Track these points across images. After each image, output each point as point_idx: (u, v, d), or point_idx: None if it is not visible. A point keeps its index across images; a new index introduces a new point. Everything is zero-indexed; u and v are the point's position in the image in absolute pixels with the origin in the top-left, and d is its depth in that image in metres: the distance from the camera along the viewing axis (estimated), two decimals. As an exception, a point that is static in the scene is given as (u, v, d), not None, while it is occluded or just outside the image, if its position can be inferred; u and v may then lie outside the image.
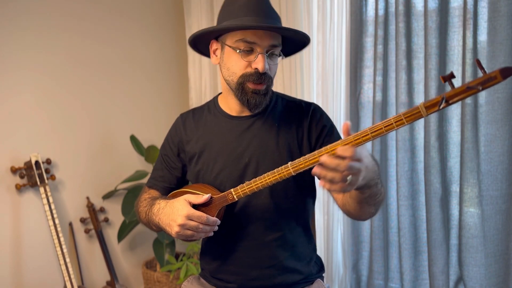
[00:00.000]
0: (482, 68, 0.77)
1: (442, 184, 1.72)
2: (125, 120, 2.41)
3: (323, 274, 1.34)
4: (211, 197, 1.12)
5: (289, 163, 0.97)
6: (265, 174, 1.02)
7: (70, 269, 1.97)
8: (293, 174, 0.97)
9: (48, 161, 2.08)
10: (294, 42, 1.21)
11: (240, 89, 1.13)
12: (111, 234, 2.37)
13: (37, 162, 2.00)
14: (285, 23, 2.06)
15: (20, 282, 2.03)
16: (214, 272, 1.28)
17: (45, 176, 2.00)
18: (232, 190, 1.08)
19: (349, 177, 0.85)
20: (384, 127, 0.86)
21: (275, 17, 1.15)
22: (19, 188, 2.00)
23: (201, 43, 1.24)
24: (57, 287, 2.13)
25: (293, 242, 1.23)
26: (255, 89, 1.12)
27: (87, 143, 2.26)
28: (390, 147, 1.88)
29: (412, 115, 0.83)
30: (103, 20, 2.30)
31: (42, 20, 2.08)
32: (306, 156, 0.94)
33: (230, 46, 1.13)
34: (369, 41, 1.90)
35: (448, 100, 0.80)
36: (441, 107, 0.81)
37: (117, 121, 2.38)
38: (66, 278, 1.96)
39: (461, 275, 1.70)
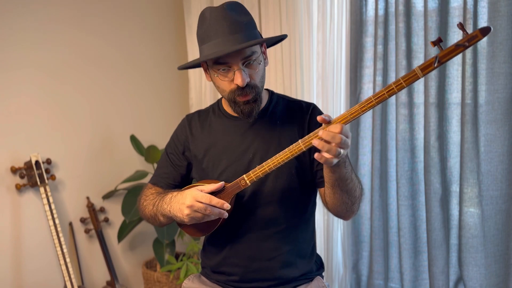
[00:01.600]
0: (464, 30, 0.92)
1: (442, 184, 1.72)
2: (125, 120, 2.41)
3: (323, 273, 1.36)
4: (224, 185, 1.16)
5: (300, 140, 1.03)
6: (277, 154, 1.07)
7: (70, 269, 1.97)
8: (304, 149, 1.03)
9: (48, 161, 2.08)
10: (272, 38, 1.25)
11: (233, 104, 1.20)
12: (111, 234, 2.37)
13: (37, 162, 2.00)
14: (285, 23, 2.06)
15: (20, 282, 2.03)
16: (216, 266, 1.31)
17: (45, 176, 2.00)
18: (244, 175, 1.12)
19: (342, 151, 0.98)
20: (387, 92, 0.96)
21: (240, 30, 1.13)
22: (19, 188, 2.00)
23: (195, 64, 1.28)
24: (57, 287, 2.13)
25: (295, 237, 1.27)
26: (245, 100, 1.18)
27: (87, 143, 2.26)
28: (390, 147, 1.88)
29: (410, 78, 0.95)
30: (103, 20, 2.30)
31: (42, 21, 2.08)
32: (316, 130, 1.00)
33: (211, 69, 1.19)
34: (369, 41, 1.90)
35: (441, 60, 0.93)
36: (435, 65, 0.93)
37: (117, 121, 2.38)
38: (66, 278, 1.96)
39: (461, 275, 1.70)
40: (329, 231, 2.08)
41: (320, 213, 2.08)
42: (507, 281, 1.62)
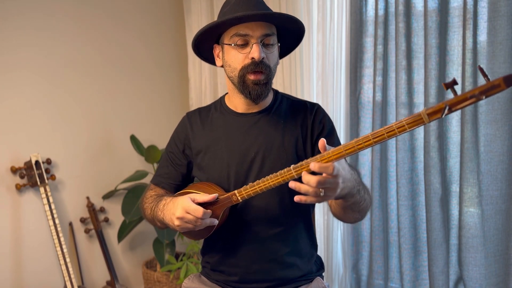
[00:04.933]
0: (485, 75, 0.77)
1: (442, 184, 1.72)
2: (125, 120, 2.41)
3: (323, 274, 1.36)
4: (217, 197, 1.14)
5: (292, 166, 0.97)
6: (268, 177, 1.03)
7: (70, 269, 1.97)
8: (295, 177, 0.98)
9: (48, 161, 2.08)
10: (290, 33, 1.24)
11: (242, 82, 1.17)
12: (111, 234, 2.37)
13: (37, 162, 2.00)
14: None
15: (20, 282, 2.03)
16: (216, 265, 1.30)
17: (45, 176, 2.00)
18: (236, 191, 1.10)
19: (321, 192, 0.91)
20: (386, 133, 0.86)
21: (267, 10, 1.18)
22: (19, 188, 2.00)
23: (205, 50, 1.29)
24: (57, 287, 2.13)
25: (295, 238, 1.26)
26: (255, 80, 1.16)
27: (87, 143, 2.26)
28: (390, 147, 1.88)
29: (414, 122, 0.84)
30: (103, 19, 2.30)
31: (42, 19, 2.08)
32: (308, 160, 0.94)
33: (227, 44, 1.18)
34: (369, 41, 1.90)
35: (451, 108, 0.80)
36: (443, 115, 0.81)
37: (117, 121, 2.38)
38: (66, 278, 1.96)
39: (461, 275, 1.70)
40: (329, 231, 2.08)
41: (320, 213, 2.08)
42: (507, 281, 1.62)
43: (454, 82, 0.80)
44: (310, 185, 0.90)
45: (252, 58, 1.14)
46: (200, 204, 1.12)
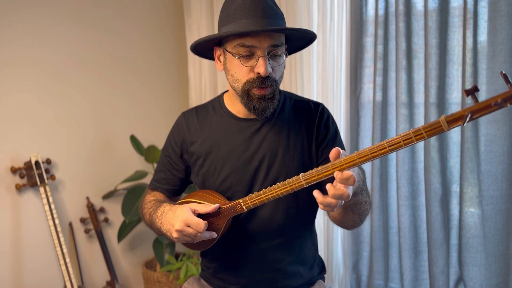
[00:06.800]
0: (509, 82, 0.72)
1: (442, 184, 1.72)
2: (125, 120, 2.41)
3: (324, 275, 1.35)
4: (219, 207, 1.10)
5: (301, 174, 0.94)
6: (276, 185, 0.99)
7: (70, 269, 1.97)
8: (305, 186, 0.95)
9: (48, 161, 2.08)
10: (300, 38, 1.17)
11: (246, 96, 1.10)
12: (111, 234, 2.37)
13: (37, 162, 2.00)
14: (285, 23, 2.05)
15: (20, 282, 2.03)
16: (216, 271, 1.27)
17: (45, 176, 2.00)
18: (241, 200, 1.06)
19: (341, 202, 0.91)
20: (403, 141, 0.82)
21: (275, 16, 1.09)
22: (19, 188, 2.00)
23: (205, 49, 1.21)
24: (57, 287, 2.12)
25: (299, 246, 1.23)
26: (261, 95, 1.08)
27: (87, 143, 2.26)
28: (390, 147, 1.87)
29: (433, 129, 0.79)
30: (103, 20, 2.30)
31: (41, 21, 2.07)
32: (319, 168, 0.91)
33: (230, 52, 1.09)
34: (369, 41, 1.90)
35: (473, 115, 0.76)
36: (465, 123, 0.76)
37: (117, 121, 2.38)
38: (66, 278, 1.96)
39: (461, 275, 1.70)
40: (329, 231, 2.08)
41: (320, 213, 2.08)
42: (507, 281, 1.62)
43: (476, 89, 0.75)
44: (332, 202, 0.90)
45: (258, 73, 1.06)
46: (201, 215, 1.09)
